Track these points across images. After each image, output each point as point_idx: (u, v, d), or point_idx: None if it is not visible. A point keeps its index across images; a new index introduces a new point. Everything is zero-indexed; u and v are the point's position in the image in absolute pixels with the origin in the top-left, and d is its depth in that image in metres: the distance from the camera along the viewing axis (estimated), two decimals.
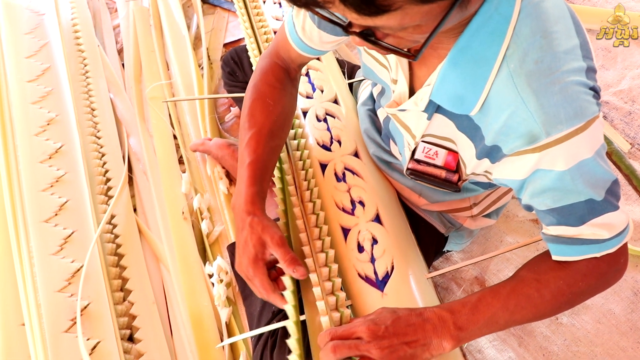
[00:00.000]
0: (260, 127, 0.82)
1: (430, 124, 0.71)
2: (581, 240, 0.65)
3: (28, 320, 1.03)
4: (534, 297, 0.68)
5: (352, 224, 0.90)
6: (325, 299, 0.77)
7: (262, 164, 0.81)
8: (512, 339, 1.05)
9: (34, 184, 1.18)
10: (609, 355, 1.02)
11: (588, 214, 0.62)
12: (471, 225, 1.01)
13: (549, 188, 0.61)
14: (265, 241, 0.75)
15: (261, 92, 0.86)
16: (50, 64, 1.41)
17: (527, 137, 0.57)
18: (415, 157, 0.76)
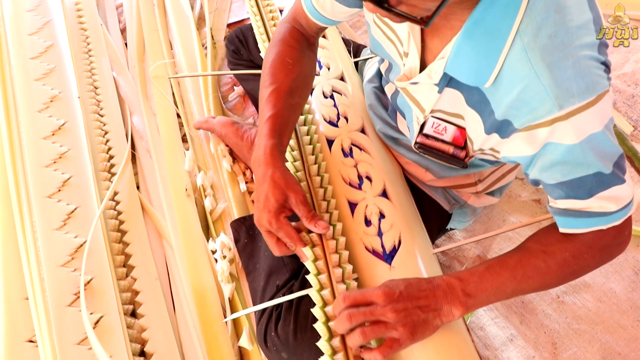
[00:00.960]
0: (280, 84, 0.83)
1: (440, 98, 0.71)
2: (588, 213, 0.66)
3: (32, 294, 1.03)
4: (540, 267, 0.69)
5: (360, 199, 0.90)
6: (332, 270, 0.77)
7: (282, 119, 0.81)
8: (513, 317, 1.06)
9: (37, 160, 1.18)
10: (610, 333, 1.03)
11: (596, 187, 0.63)
12: (475, 202, 1.01)
13: (559, 162, 0.62)
14: (289, 197, 0.75)
15: (280, 52, 0.86)
16: (53, 41, 1.40)
17: (539, 111, 0.58)
18: (424, 132, 0.77)
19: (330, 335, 0.70)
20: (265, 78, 0.85)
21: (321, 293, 0.75)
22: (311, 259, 0.76)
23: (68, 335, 0.98)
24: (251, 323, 1.06)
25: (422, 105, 0.75)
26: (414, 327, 0.66)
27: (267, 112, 0.80)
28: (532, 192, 1.21)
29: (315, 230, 0.77)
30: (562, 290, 1.08)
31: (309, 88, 0.91)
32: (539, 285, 0.71)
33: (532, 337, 1.03)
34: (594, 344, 1.02)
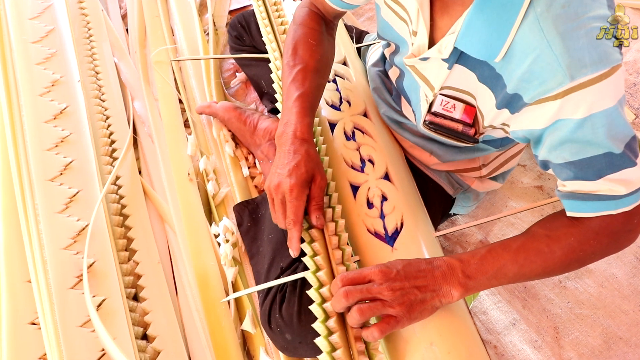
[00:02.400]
0: (306, 64, 0.83)
1: (450, 74, 0.71)
2: (597, 196, 0.64)
3: (34, 276, 1.03)
4: (544, 252, 0.68)
5: (362, 181, 0.90)
6: (331, 253, 0.77)
7: (311, 97, 0.82)
8: (516, 301, 1.06)
9: (39, 144, 1.17)
10: (611, 318, 1.03)
11: (606, 168, 0.62)
12: (478, 187, 1.01)
13: (568, 139, 0.61)
14: (315, 176, 0.75)
15: (303, 34, 0.87)
16: (54, 26, 1.40)
17: (550, 83, 0.57)
18: (433, 110, 0.76)
19: (325, 317, 0.70)
20: (290, 58, 0.85)
21: (317, 274, 0.75)
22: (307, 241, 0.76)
23: (71, 318, 0.98)
24: (254, 306, 1.06)
25: (431, 82, 0.74)
26: (411, 306, 0.66)
27: (295, 90, 0.81)
28: (534, 179, 1.21)
29: (312, 220, 0.77)
30: (565, 275, 1.08)
31: (330, 69, 0.92)
32: (542, 271, 0.69)
33: (534, 321, 1.04)
34: (595, 329, 1.02)
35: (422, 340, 0.70)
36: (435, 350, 0.69)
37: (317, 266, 0.76)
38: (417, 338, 0.71)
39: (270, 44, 1.13)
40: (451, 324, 0.73)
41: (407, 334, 0.72)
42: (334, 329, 0.69)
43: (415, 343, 0.70)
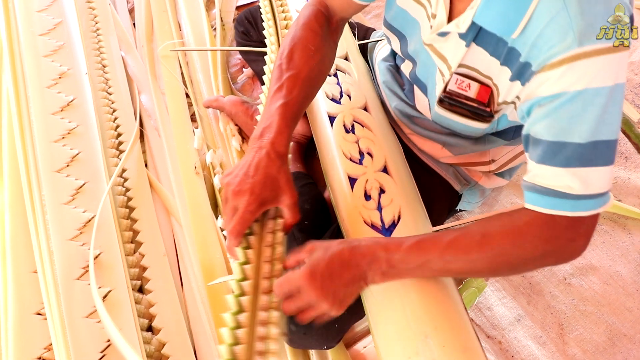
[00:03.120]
0: (298, 71, 0.80)
1: (467, 53, 0.71)
2: (555, 192, 0.62)
3: (40, 267, 1.03)
4: (472, 252, 0.66)
5: (360, 173, 0.89)
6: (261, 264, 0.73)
7: (296, 107, 0.78)
8: (521, 297, 1.06)
9: (47, 135, 1.17)
10: (616, 315, 1.04)
11: (576, 158, 0.60)
12: (485, 183, 1.02)
13: (555, 112, 0.60)
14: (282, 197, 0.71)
15: (303, 36, 0.83)
16: (61, 19, 1.40)
17: (558, 47, 0.57)
18: (448, 89, 0.75)
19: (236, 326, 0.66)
20: (284, 61, 0.81)
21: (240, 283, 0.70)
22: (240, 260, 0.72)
23: (77, 308, 0.99)
24: None
25: (448, 61, 0.74)
26: (340, 301, 0.68)
27: (282, 97, 0.77)
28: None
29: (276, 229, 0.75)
30: (569, 272, 1.09)
31: (325, 77, 0.88)
32: (469, 271, 0.69)
33: (539, 317, 1.04)
34: (600, 325, 1.03)
35: (416, 333, 0.70)
36: (430, 343, 0.68)
37: (244, 275, 0.71)
38: (412, 331, 0.70)
39: (270, 37, 1.13)
40: (446, 317, 0.72)
41: (401, 326, 0.71)
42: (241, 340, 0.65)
43: (409, 336, 0.70)
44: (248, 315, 0.65)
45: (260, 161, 0.71)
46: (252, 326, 0.65)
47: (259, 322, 0.66)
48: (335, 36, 0.90)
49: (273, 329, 0.65)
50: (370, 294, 0.78)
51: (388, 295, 0.75)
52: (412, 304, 0.72)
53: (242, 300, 0.67)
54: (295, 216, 0.73)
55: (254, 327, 0.65)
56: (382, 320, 0.75)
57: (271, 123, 0.75)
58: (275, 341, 0.64)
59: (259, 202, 0.70)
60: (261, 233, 0.74)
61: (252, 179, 0.70)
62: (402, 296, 0.74)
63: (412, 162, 0.98)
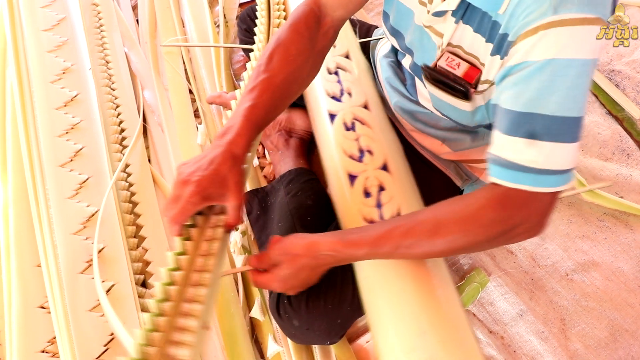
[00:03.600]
0: (274, 74, 0.77)
1: (456, 30, 0.71)
2: (518, 166, 0.61)
3: (44, 260, 1.03)
4: (424, 241, 0.67)
5: (360, 171, 0.90)
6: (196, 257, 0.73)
7: (263, 112, 0.76)
8: (523, 293, 1.07)
9: (50, 130, 1.18)
10: (617, 310, 1.04)
11: (542, 131, 0.59)
12: (486, 179, 1.02)
13: (523, 81, 0.60)
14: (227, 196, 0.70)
15: (287, 38, 0.80)
16: (65, 14, 1.40)
17: (534, 14, 0.58)
18: (438, 64, 0.75)
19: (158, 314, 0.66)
20: (262, 62, 0.79)
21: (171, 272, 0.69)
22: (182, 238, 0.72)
23: (80, 302, 0.99)
24: (262, 294, 1.07)
25: (443, 39, 0.75)
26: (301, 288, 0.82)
27: (252, 99, 0.75)
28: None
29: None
30: (571, 268, 1.09)
31: (305, 84, 0.84)
32: (425, 255, 0.73)
33: (541, 313, 1.04)
34: (602, 321, 1.03)
35: (414, 329, 0.70)
36: (428, 339, 0.69)
37: (177, 265, 0.71)
38: (409, 327, 0.71)
39: (259, 34, 1.13)
40: (443, 314, 0.73)
41: (399, 323, 0.72)
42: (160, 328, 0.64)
43: (407, 332, 0.71)
44: (172, 305, 0.65)
45: (214, 158, 0.71)
46: (173, 315, 0.65)
47: (181, 313, 0.66)
48: (325, 40, 0.85)
49: (192, 321, 0.65)
50: (369, 289, 0.78)
51: (386, 291, 0.76)
52: (409, 301, 0.73)
53: (170, 290, 0.67)
54: (237, 219, 0.73)
55: (175, 317, 0.65)
56: (380, 317, 0.76)
57: (234, 124, 0.74)
58: (193, 333, 0.64)
59: (202, 196, 0.69)
60: (203, 226, 0.75)
61: (202, 173, 0.69)
62: (399, 293, 0.74)
63: (413, 157, 0.99)
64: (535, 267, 1.10)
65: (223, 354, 1.01)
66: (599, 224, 1.14)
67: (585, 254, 1.11)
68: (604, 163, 1.22)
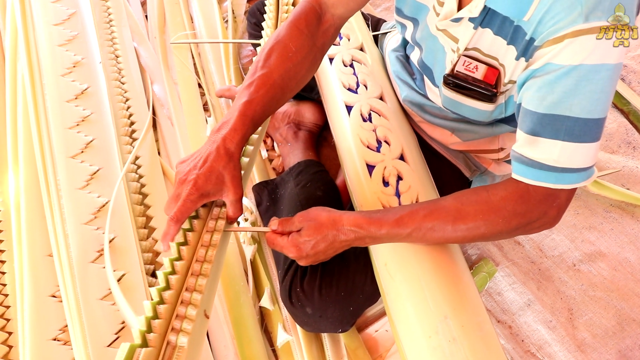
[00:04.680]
0: (271, 71, 0.77)
1: (476, 36, 0.72)
2: (540, 165, 0.64)
3: (56, 250, 1.04)
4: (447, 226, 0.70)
5: (378, 160, 0.91)
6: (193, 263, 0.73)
7: (259, 107, 0.75)
8: (530, 283, 1.07)
9: (61, 122, 1.19)
10: (624, 300, 1.05)
11: (565, 132, 0.62)
12: (495, 169, 1.03)
13: (549, 85, 0.61)
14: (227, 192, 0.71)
15: (286, 35, 0.80)
16: (75, 9, 1.42)
17: (563, 22, 0.58)
18: (456, 70, 0.76)
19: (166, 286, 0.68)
20: (261, 57, 0.79)
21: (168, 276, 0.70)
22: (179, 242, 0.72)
23: (92, 291, 1.00)
24: (272, 283, 1.07)
25: (459, 44, 0.75)
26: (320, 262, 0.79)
27: (247, 95, 0.75)
28: None
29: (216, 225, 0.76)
30: (578, 259, 1.10)
31: (303, 81, 0.83)
32: (444, 241, 0.75)
33: (549, 302, 1.05)
34: (609, 310, 1.04)
35: (436, 313, 0.72)
36: (450, 323, 0.70)
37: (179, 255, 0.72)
38: (432, 311, 0.72)
39: (267, 29, 1.15)
40: (463, 299, 0.75)
41: (421, 307, 0.73)
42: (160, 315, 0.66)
43: (429, 316, 0.72)
44: (173, 293, 0.67)
45: (209, 155, 0.71)
46: (174, 304, 0.67)
47: (182, 302, 0.68)
48: (326, 37, 0.85)
49: (192, 310, 0.66)
50: (389, 276, 0.79)
51: (407, 277, 0.77)
52: (430, 286, 0.75)
53: (171, 279, 0.68)
54: (236, 212, 0.74)
55: (175, 305, 0.67)
56: (401, 300, 0.77)
57: (230, 119, 0.74)
58: (192, 322, 0.65)
59: (200, 194, 0.70)
60: (206, 218, 0.76)
61: (198, 171, 0.70)
62: (420, 278, 0.76)
63: (423, 149, 1.00)
64: (543, 258, 1.10)
65: (233, 343, 1.02)
66: (605, 215, 1.15)
67: (592, 244, 1.11)
68: (610, 155, 1.23)
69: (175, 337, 0.64)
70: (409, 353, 0.74)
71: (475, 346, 0.69)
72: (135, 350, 0.60)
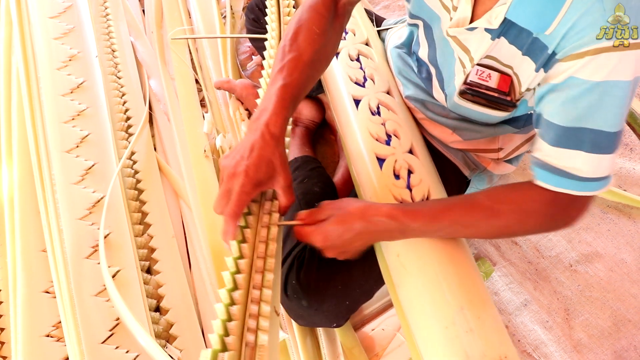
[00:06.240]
0: (301, 53, 0.77)
1: (492, 46, 0.71)
2: (564, 173, 0.66)
3: (50, 245, 1.03)
4: (480, 223, 0.71)
5: (388, 153, 0.90)
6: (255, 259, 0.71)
7: (296, 90, 0.76)
8: (527, 283, 1.07)
9: (57, 116, 1.18)
10: (620, 301, 1.05)
11: (588, 144, 0.63)
12: (494, 169, 1.03)
13: (572, 100, 0.62)
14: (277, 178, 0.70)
15: (308, 19, 0.81)
16: (72, 2, 1.40)
17: (586, 38, 0.58)
18: (469, 80, 0.76)
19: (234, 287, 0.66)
20: (287, 42, 0.79)
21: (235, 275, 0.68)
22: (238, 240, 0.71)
23: (86, 287, 0.99)
24: None
25: (471, 53, 0.75)
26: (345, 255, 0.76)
27: (281, 79, 0.75)
28: None
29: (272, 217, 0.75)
30: (575, 259, 1.10)
31: (328, 62, 0.87)
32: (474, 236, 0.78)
33: (545, 302, 1.05)
34: (605, 311, 1.04)
35: (452, 304, 0.72)
36: (467, 314, 0.70)
37: (240, 253, 0.70)
38: (448, 302, 0.72)
39: (271, 23, 1.14)
40: (477, 290, 0.75)
41: (437, 298, 0.73)
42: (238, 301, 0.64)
43: (446, 307, 0.72)
44: (242, 292, 0.65)
45: (255, 143, 0.70)
46: (244, 303, 0.65)
47: (251, 300, 0.66)
48: (342, 20, 0.87)
49: (265, 306, 0.65)
50: (402, 267, 0.79)
51: (422, 268, 0.77)
52: (446, 277, 0.74)
53: (238, 278, 0.66)
54: (290, 198, 0.73)
55: (246, 305, 0.65)
56: (416, 291, 0.76)
57: (268, 105, 0.73)
58: (267, 319, 0.64)
59: (254, 184, 0.69)
60: (258, 213, 0.75)
61: (247, 161, 0.69)
62: (436, 269, 0.75)
63: None
64: (540, 258, 1.10)
65: None
66: (602, 216, 1.15)
67: (588, 245, 1.11)
68: None
69: (254, 337, 0.62)
70: (423, 344, 0.73)
71: (491, 338, 0.69)
72: (217, 355, 0.58)
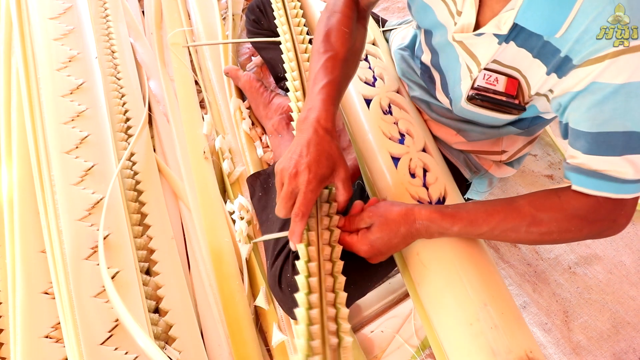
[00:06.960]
0: (336, 52, 0.81)
1: (499, 50, 0.71)
2: (602, 175, 0.65)
3: (49, 246, 1.03)
4: (521, 230, 0.70)
5: (403, 152, 0.91)
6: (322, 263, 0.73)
7: (338, 86, 0.79)
8: (526, 285, 1.07)
9: (56, 117, 1.18)
10: (619, 303, 1.05)
11: (622, 147, 0.62)
12: (495, 171, 1.03)
13: (598, 105, 0.61)
14: (338, 170, 0.72)
15: (338, 20, 0.85)
16: (71, 4, 1.40)
17: (603, 41, 0.58)
18: (476, 85, 0.76)
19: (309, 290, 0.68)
20: (320, 45, 0.82)
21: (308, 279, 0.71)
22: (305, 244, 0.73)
23: (85, 288, 0.99)
24: (267, 283, 1.06)
25: (478, 58, 0.75)
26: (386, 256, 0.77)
27: (323, 78, 0.78)
28: (544, 168, 1.23)
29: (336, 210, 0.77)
30: (574, 261, 1.10)
31: (359, 60, 0.90)
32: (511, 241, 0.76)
33: (544, 305, 1.05)
34: (604, 313, 1.04)
35: (476, 301, 0.73)
36: (490, 310, 0.71)
37: (308, 257, 0.72)
38: (471, 299, 0.73)
39: (282, 26, 1.14)
40: (499, 287, 0.76)
41: (461, 295, 0.74)
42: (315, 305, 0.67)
43: (469, 303, 0.73)
44: (317, 295, 0.67)
45: (310, 140, 0.71)
46: (321, 306, 0.66)
47: (328, 303, 0.67)
48: (364, 21, 0.91)
49: (343, 308, 0.66)
50: (422, 265, 0.79)
51: (443, 265, 0.77)
52: (468, 275, 0.75)
53: (312, 281, 0.68)
54: (349, 191, 0.75)
55: (322, 307, 0.66)
56: (438, 289, 0.77)
57: (315, 103, 0.76)
58: (346, 320, 0.66)
59: (318, 180, 0.70)
60: (317, 215, 0.76)
61: (306, 158, 0.70)
62: (457, 266, 0.76)
63: None
64: (539, 260, 1.10)
65: (227, 342, 1.01)
66: None
67: (587, 247, 1.12)
68: None
69: (337, 340, 0.64)
70: (447, 341, 0.74)
71: (515, 333, 0.70)
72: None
